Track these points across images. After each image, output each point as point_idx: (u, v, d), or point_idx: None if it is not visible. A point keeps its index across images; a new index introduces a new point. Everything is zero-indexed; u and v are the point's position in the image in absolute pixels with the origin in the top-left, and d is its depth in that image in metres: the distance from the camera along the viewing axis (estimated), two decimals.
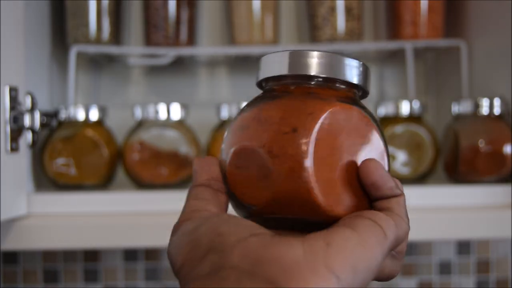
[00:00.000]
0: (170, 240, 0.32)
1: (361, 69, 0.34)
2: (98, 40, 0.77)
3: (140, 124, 0.72)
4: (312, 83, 0.34)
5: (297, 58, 0.33)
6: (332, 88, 0.34)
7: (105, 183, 0.72)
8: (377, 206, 0.33)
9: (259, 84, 0.37)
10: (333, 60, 0.33)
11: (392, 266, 0.33)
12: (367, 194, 0.33)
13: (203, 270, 0.28)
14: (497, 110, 0.71)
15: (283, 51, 0.34)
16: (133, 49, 0.83)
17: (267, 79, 0.35)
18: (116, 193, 0.68)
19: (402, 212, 0.32)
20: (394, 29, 0.81)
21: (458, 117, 0.74)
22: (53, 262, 0.86)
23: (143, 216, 0.65)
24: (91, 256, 0.87)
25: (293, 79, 0.34)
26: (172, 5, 0.78)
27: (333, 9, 0.78)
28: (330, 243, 0.28)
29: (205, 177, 0.34)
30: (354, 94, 0.35)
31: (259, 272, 0.27)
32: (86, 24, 0.77)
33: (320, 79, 0.33)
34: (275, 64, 0.34)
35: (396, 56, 0.86)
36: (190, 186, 0.35)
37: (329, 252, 0.28)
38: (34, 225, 0.63)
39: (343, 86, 0.34)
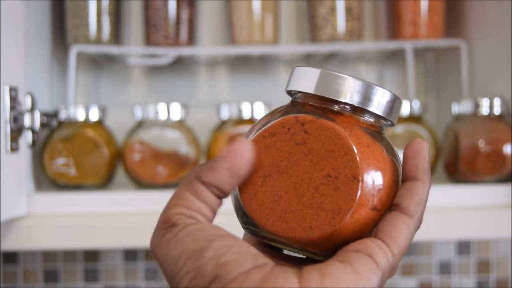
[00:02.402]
0: (162, 239, 0.32)
1: (392, 101, 0.34)
2: (98, 40, 0.77)
3: (140, 124, 0.72)
4: (336, 108, 0.34)
5: (333, 81, 0.34)
6: (357, 116, 0.34)
7: (105, 183, 0.72)
8: (400, 188, 0.34)
9: (288, 92, 0.37)
10: (366, 89, 0.34)
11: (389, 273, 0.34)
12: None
13: None
14: (497, 110, 0.71)
15: (318, 69, 0.34)
16: (133, 49, 0.83)
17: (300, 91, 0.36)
18: (116, 193, 0.68)
19: (412, 201, 0.33)
20: (394, 29, 0.81)
21: (458, 117, 0.74)
22: (53, 262, 0.86)
23: (143, 216, 0.65)
24: (91, 256, 0.87)
25: (319, 99, 0.34)
26: (172, 5, 0.78)
27: (333, 9, 0.78)
28: (325, 276, 0.29)
29: (215, 180, 0.33)
30: (380, 127, 0.35)
31: None
32: (86, 24, 0.77)
33: (347, 106, 0.34)
34: (309, 80, 0.34)
35: (396, 56, 0.86)
36: (196, 170, 0.34)
37: (324, 283, 0.29)
38: (34, 225, 0.63)
39: (370, 119, 0.34)
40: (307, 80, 0.34)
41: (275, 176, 0.33)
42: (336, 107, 0.34)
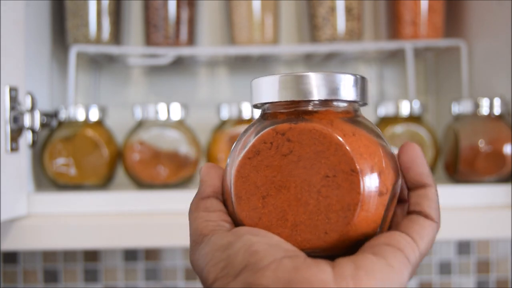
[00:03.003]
0: (196, 251, 0.33)
1: (357, 83, 0.34)
2: (98, 40, 0.77)
3: (140, 124, 0.72)
4: (310, 108, 0.33)
5: (295, 83, 0.33)
6: (332, 108, 0.33)
7: (105, 183, 0.72)
8: (410, 197, 0.34)
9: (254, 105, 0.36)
10: (329, 79, 0.33)
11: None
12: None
13: (236, 287, 0.29)
14: (497, 110, 0.71)
15: (276, 75, 0.34)
16: (133, 49, 0.83)
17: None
18: (116, 193, 0.68)
19: (430, 207, 0.33)
20: (394, 29, 0.81)
21: (458, 117, 0.74)
22: (53, 262, 0.86)
23: (143, 216, 0.65)
24: (91, 256, 0.87)
25: (289, 103, 0.34)
26: (172, 5, 0.78)
27: (333, 9, 0.78)
28: (359, 267, 0.29)
29: (212, 189, 0.35)
30: (355, 111, 0.34)
31: None
32: (86, 24, 0.77)
33: (317, 102, 0.33)
34: (272, 89, 0.34)
35: (396, 56, 0.86)
36: (196, 197, 0.35)
37: (359, 275, 0.29)
38: (34, 225, 0.63)
39: (343, 104, 0.34)
40: (269, 89, 0.34)
41: (274, 193, 0.32)
42: (309, 107, 0.33)
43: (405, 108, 0.73)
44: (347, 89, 0.33)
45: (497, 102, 0.71)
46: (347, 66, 0.90)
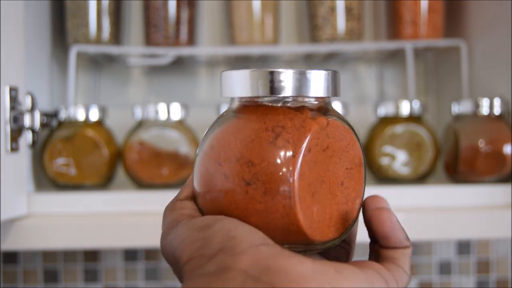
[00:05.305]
0: (170, 233, 0.32)
1: (327, 78, 0.34)
2: (98, 40, 0.77)
3: (140, 124, 0.72)
4: (279, 104, 0.33)
5: (270, 79, 0.33)
6: (304, 104, 0.33)
7: (105, 183, 0.72)
8: (382, 253, 0.33)
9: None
10: (299, 77, 0.33)
11: None
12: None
13: (210, 269, 0.29)
14: (497, 110, 0.71)
15: (247, 70, 0.33)
16: (133, 49, 0.83)
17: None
18: (116, 193, 0.68)
19: (406, 264, 0.33)
20: (394, 29, 0.81)
21: (458, 117, 0.74)
22: (53, 262, 0.86)
23: (143, 216, 0.65)
24: (91, 256, 0.87)
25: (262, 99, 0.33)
26: (172, 5, 0.78)
27: (333, 9, 0.78)
28: (340, 272, 0.29)
29: (189, 193, 0.35)
30: (326, 104, 0.34)
31: (265, 280, 0.28)
32: (86, 24, 0.77)
33: (289, 99, 0.33)
34: (245, 83, 0.33)
35: (396, 56, 0.86)
36: (173, 199, 0.35)
37: (338, 278, 0.28)
38: (34, 225, 0.63)
39: (314, 101, 0.34)
40: (314, 83, 0.33)
41: (318, 189, 0.32)
42: (312, 102, 0.33)
43: (405, 108, 0.73)
44: (321, 86, 0.34)
45: (497, 102, 0.71)
46: (347, 66, 0.90)
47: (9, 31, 0.61)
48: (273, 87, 0.33)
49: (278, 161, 0.31)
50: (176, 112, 0.72)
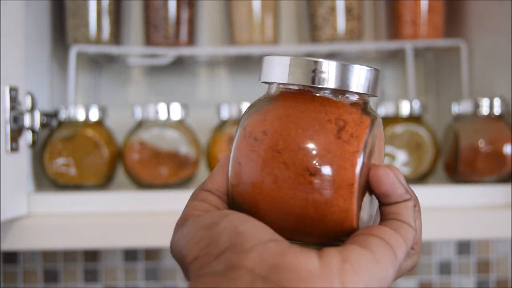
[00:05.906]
0: (178, 232, 0.32)
1: (370, 75, 0.33)
2: (98, 40, 0.77)
3: (140, 124, 0.72)
4: (318, 94, 0.33)
5: (313, 67, 0.33)
6: (342, 98, 0.33)
7: (105, 183, 0.72)
8: (385, 211, 0.33)
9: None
10: (343, 69, 0.33)
11: (407, 263, 0.34)
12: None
13: (217, 267, 0.28)
14: (497, 110, 0.71)
15: (296, 57, 0.33)
16: (133, 49, 0.83)
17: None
18: (116, 193, 0.68)
19: (409, 217, 0.33)
20: (394, 29, 0.81)
21: (458, 117, 0.74)
22: (53, 262, 0.86)
23: (143, 216, 0.65)
24: (91, 256, 0.87)
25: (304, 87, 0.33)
26: (172, 5, 0.78)
27: (333, 9, 0.78)
28: (346, 260, 0.29)
29: (216, 185, 0.34)
30: (365, 102, 0.34)
31: (273, 278, 0.27)
32: (86, 24, 0.77)
33: (328, 91, 0.33)
34: (288, 69, 0.33)
35: (396, 56, 0.86)
36: (199, 187, 0.35)
37: (345, 268, 0.28)
38: (34, 225, 0.63)
39: (353, 98, 0.33)
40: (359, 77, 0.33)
41: (363, 185, 0.32)
42: (318, 94, 0.33)
43: (405, 108, 0.73)
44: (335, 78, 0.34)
45: (497, 102, 0.71)
46: None
47: (9, 31, 0.61)
48: (339, 79, 0.32)
49: (346, 155, 0.31)
50: (176, 112, 0.72)
